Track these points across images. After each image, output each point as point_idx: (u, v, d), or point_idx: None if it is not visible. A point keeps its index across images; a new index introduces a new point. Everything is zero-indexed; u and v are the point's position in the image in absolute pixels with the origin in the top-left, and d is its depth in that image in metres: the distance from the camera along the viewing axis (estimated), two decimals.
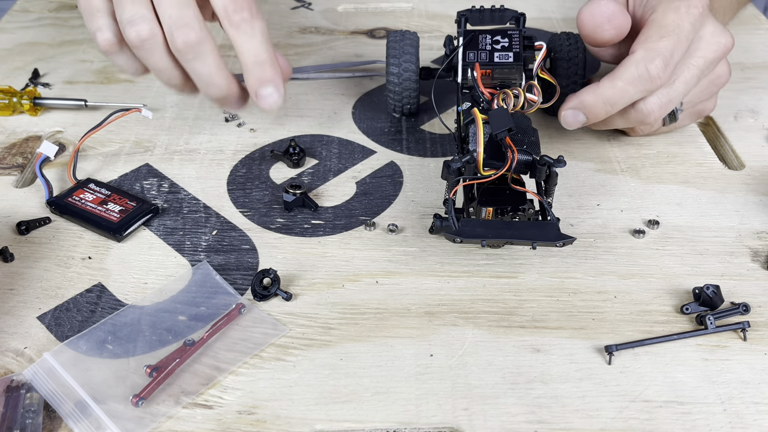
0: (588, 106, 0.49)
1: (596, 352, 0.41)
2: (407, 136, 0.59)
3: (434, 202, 0.52)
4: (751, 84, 0.65)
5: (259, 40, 0.48)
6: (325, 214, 0.51)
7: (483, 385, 0.39)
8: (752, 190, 0.53)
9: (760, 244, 0.48)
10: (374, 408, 0.38)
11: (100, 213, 0.49)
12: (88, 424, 0.37)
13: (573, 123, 0.50)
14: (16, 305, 0.44)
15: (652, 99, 0.49)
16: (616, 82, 0.48)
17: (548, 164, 0.43)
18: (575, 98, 0.50)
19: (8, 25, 0.76)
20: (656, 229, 0.49)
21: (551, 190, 0.44)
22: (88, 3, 0.48)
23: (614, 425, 0.37)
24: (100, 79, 0.67)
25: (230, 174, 0.55)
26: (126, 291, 0.45)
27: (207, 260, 0.47)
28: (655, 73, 0.47)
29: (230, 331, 0.42)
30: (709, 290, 0.43)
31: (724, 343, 0.42)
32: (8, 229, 0.49)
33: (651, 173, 0.54)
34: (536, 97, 0.49)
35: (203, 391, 0.39)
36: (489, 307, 0.44)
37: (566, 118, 0.50)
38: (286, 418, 0.38)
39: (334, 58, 0.69)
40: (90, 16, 0.49)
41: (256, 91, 0.49)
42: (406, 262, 0.47)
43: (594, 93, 0.49)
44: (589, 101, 0.49)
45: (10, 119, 0.61)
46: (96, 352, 0.41)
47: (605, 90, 0.48)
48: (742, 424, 0.37)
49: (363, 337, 0.42)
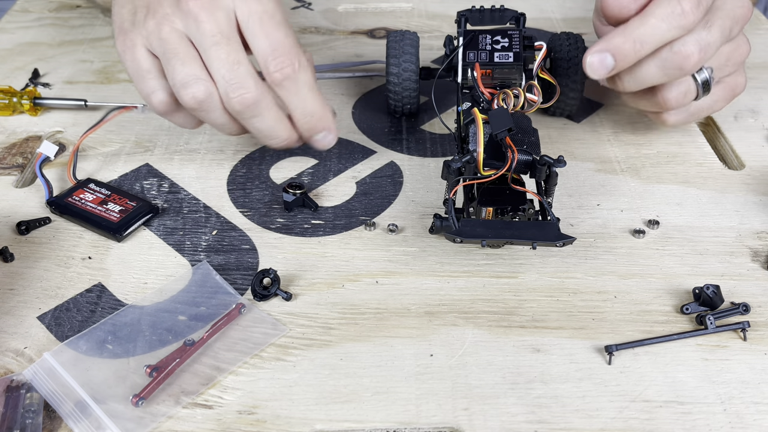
0: (616, 46, 0.45)
1: (596, 352, 0.41)
2: (407, 136, 0.59)
3: (434, 202, 0.52)
4: (751, 84, 0.65)
5: (305, 94, 0.48)
6: (325, 214, 0.51)
7: (483, 385, 0.39)
8: (752, 190, 0.53)
9: (760, 244, 0.48)
10: (374, 408, 0.38)
11: (100, 213, 0.49)
12: (88, 424, 0.37)
13: (599, 68, 0.46)
14: (16, 305, 0.44)
15: (689, 39, 0.46)
16: (648, 19, 0.45)
17: (548, 164, 0.43)
18: (602, 42, 0.46)
19: (8, 25, 0.76)
20: (656, 229, 0.49)
21: (551, 190, 0.44)
22: (136, 65, 0.48)
23: (614, 425, 0.37)
24: (100, 79, 0.67)
25: (230, 174, 0.55)
26: (126, 291, 0.45)
27: (207, 260, 0.47)
28: (688, 8, 0.44)
29: (230, 331, 0.42)
30: (709, 290, 0.43)
31: (724, 343, 0.42)
32: (8, 229, 0.49)
33: (651, 173, 0.54)
34: (536, 97, 0.49)
35: (203, 391, 0.39)
36: (489, 307, 0.44)
37: (593, 64, 0.46)
38: (286, 418, 0.38)
39: (334, 58, 0.69)
40: (140, 79, 0.49)
41: (310, 138, 0.50)
42: (406, 262, 0.47)
43: (623, 32, 0.45)
44: (617, 41, 0.45)
45: (10, 119, 0.61)
46: (96, 352, 0.41)
47: (635, 28, 0.45)
48: (742, 424, 0.37)
49: (363, 337, 0.42)
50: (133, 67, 0.49)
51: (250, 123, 0.48)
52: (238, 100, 0.46)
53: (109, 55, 0.70)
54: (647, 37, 0.45)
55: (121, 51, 0.49)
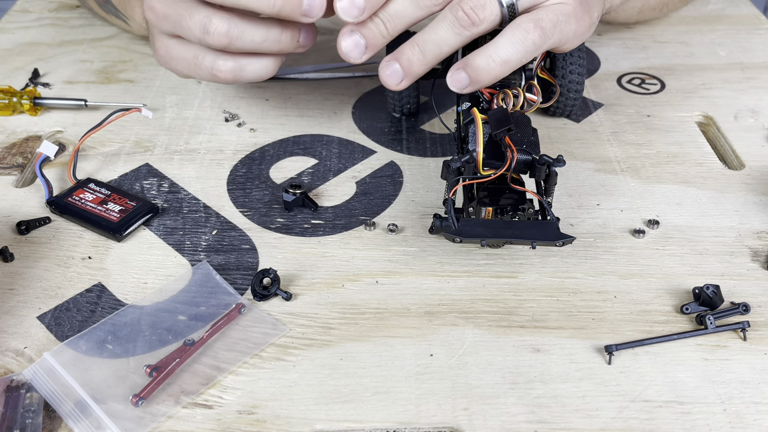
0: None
1: (596, 352, 0.41)
2: (407, 136, 0.59)
3: (434, 202, 0.52)
4: (751, 84, 0.65)
5: None
6: (325, 214, 0.51)
7: (483, 385, 0.39)
8: (752, 190, 0.53)
9: (760, 244, 0.48)
10: (374, 408, 0.38)
11: (100, 213, 0.49)
12: (88, 424, 0.37)
13: (353, 50, 0.47)
14: (16, 305, 0.44)
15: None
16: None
17: (547, 164, 0.43)
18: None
19: (8, 25, 0.76)
20: (656, 229, 0.49)
21: (551, 190, 0.44)
22: (180, 59, 0.50)
23: (614, 425, 0.37)
24: (100, 79, 0.67)
25: (230, 174, 0.55)
26: (126, 291, 0.45)
27: (207, 260, 0.47)
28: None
29: (230, 331, 0.42)
30: (709, 290, 0.43)
31: (724, 343, 0.42)
32: (8, 229, 0.49)
33: (651, 173, 0.54)
34: (536, 96, 0.50)
35: (203, 391, 0.39)
36: (489, 307, 0.44)
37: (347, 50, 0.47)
38: (286, 418, 0.38)
39: (334, 58, 0.69)
40: (195, 68, 0.50)
41: None
42: (406, 262, 0.47)
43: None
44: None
45: (10, 119, 0.61)
46: (96, 352, 0.41)
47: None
48: (742, 424, 0.37)
49: (363, 337, 0.42)
50: (181, 64, 0.51)
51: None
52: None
53: (109, 55, 0.70)
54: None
55: (165, 64, 0.52)
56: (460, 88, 0.46)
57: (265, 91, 0.64)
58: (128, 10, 0.67)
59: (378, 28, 0.47)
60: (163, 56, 0.52)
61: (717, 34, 0.73)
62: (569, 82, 0.56)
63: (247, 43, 0.48)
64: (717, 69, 0.68)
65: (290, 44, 0.50)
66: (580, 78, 0.56)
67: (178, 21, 0.48)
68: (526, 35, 0.44)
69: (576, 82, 0.56)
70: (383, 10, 0.46)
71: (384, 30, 0.47)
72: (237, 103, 0.63)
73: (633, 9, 0.70)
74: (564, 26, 0.45)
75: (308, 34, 0.50)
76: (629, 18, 0.72)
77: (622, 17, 0.71)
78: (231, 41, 0.48)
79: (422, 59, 0.47)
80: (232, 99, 0.63)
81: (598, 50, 0.71)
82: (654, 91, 0.64)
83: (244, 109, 0.62)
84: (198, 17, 0.47)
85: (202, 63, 0.50)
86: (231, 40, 0.48)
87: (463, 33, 0.45)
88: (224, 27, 0.47)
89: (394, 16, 0.46)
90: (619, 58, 0.70)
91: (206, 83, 0.65)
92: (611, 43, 0.72)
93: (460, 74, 0.46)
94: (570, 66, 0.55)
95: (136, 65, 0.68)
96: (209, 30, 0.47)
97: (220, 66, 0.50)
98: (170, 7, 0.49)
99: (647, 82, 0.66)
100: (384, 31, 0.47)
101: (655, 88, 0.65)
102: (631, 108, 0.62)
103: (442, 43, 0.46)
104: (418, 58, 0.47)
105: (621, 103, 0.63)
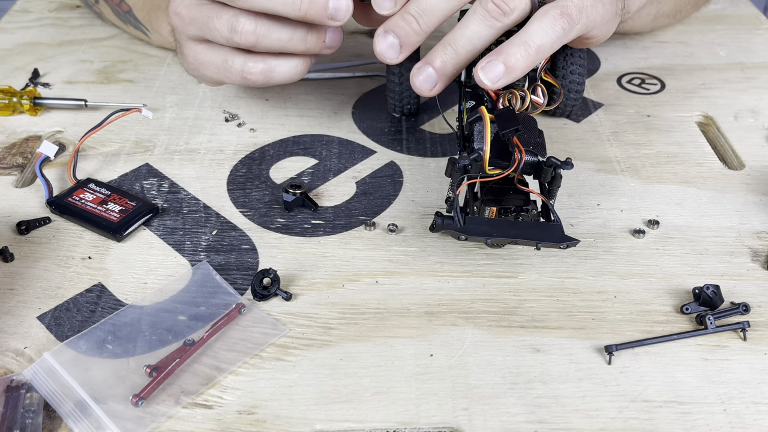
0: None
1: (596, 352, 0.41)
2: (407, 136, 0.59)
3: (434, 201, 0.52)
4: (751, 84, 0.65)
5: None
6: (325, 214, 0.51)
7: (483, 385, 0.39)
8: (752, 190, 0.53)
9: (760, 244, 0.48)
10: (374, 408, 0.38)
11: (100, 213, 0.49)
12: (88, 424, 0.37)
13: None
14: (16, 305, 0.44)
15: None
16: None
17: (555, 166, 0.43)
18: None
19: (8, 25, 0.76)
20: (656, 229, 0.49)
21: (554, 192, 0.44)
22: (209, 65, 0.51)
23: (614, 425, 0.37)
24: (100, 79, 0.67)
25: (230, 174, 0.55)
26: (126, 291, 0.45)
27: (207, 260, 0.47)
28: None
29: (230, 331, 0.42)
30: (709, 290, 0.43)
31: (724, 343, 0.42)
32: (8, 229, 0.49)
33: (651, 173, 0.54)
34: (541, 99, 0.49)
35: (203, 391, 0.39)
36: (489, 307, 0.44)
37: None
38: (286, 418, 0.38)
39: (334, 58, 0.69)
40: (225, 72, 0.51)
41: None
42: (406, 262, 0.47)
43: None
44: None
45: (10, 119, 0.61)
46: (96, 352, 0.41)
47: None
48: (742, 424, 0.37)
49: (363, 337, 0.42)
50: (211, 69, 0.51)
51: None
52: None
53: (109, 55, 0.70)
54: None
55: (194, 72, 0.53)
56: (494, 79, 0.45)
57: (265, 91, 0.64)
58: (154, 23, 0.67)
59: (411, 25, 0.46)
60: (192, 63, 0.52)
61: (717, 34, 0.73)
62: (570, 83, 0.56)
63: (274, 41, 0.49)
64: (717, 69, 0.68)
65: (316, 44, 0.50)
66: (581, 78, 0.56)
67: (206, 23, 0.49)
68: (554, 21, 0.44)
69: (576, 82, 0.56)
70: (414, 6, 0.46)
71: (417, 27, 0.46)
72: (237, 103, 0.63)
73: (648, 16, 0.70)
74: (590, 11, 0.46)
75: (334, 36, 0.50)
76: (644, 27, 0.71)
77: (638, 26, 0.71)
78: (258, 39, 0.48)
79: (455, 58, 0.46)
80: (232, 99, 0.63)
81: (598, 50, 0.71)
82: (654, 91, 0.64)
83: (244, 109, 0.62)
84: (225, 17, 0.48)
85: (232, 66, 0.50)
86: (258, 38, 0.48)
87: (495, 25, 0.45)
88: (251, 25, 0.47)
89: (426, 11, 0.46)
90: (619, 58, 0.70)
91: None
92: (611, 43, 0.72)
93: (496, 65, 0.45)
94: (570, 66, 0.55)
95: (136, 65, 0.69)
96: (237, 29, 0.47)
97: (251, 68, 0.50)
98: (196, 10, 0.49)
99: (647, 82, 0.66)
100: (417, 28, 0.46)
101: (655, 88, 0.65)
102: (631, 108, 0.62)
103: (475, 38, 0.45)
104: (451, 58, 0.46)
105: (621, 103, 0.63)
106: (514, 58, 0.44)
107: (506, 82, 0.45)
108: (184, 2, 0.50)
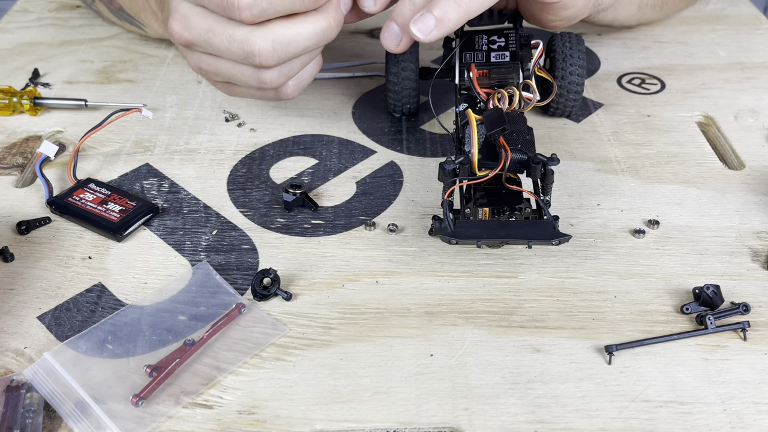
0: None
1: (596, 352, 0.41)
2: (407, 136, 0.59)
3: (434, 202, 0.52)
4: (751, 84, 0.65)
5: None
6: (325, 214, 0.51)
7: (483, 385, 0.39)
8: (752, 190, 0.53)
9: (760, 244, 0.48)
10: (374, 408, 0.38)
11: (100, 213, 0.49)
12: (88, 424, 0.37)
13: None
14: (16, 305, 0.44)
15: None
16: None
17: (542, 162, 0.43)
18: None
19: (8, 25, 0.76)
20: (656, 229, 0.49)
21: (548, 189, 0.44)
22: (220, 75, 0.50)
23: (614, 425, 0.37)
24: (100, 79, 0.67)
25: (230, 174, 0.55)
26: (126, 291, 0.45)
27: (207, 260, 0.47)
28: None
29: (230, 331, 0.42)
30: (709, 290, 0.43)
31: (724, 343, 0.42)
32: (8, 229, 0.49)
33: (651, 173, 0.54)
34: (532, 95, 0.49)
35: (203, 391, 0.39)
36: (489, 307, 0.44)
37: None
38: (286, 418, 0.38)
39: (334, 58, 0.69)
40: (237, 84, 0.51)
41: None
42: (406, 262, 0.47)
43: None
44: None
45: (10, 119, 0.61)
46: (96, 352, 0.41)
47: None
48: (742, 424, 0.37)
49: (363, 337, 0.42)
50: (242, 92, 0.52)
51: None
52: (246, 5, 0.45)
53: (109, 55, 0.70)
54: None
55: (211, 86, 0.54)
56: (426, 31, 0.45)
57: None
58: (144, 21, 0.67)
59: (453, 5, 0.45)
60: (200, 73, 0.52)
61: (717, 34, 0.73)
62: (569, 83, 0.56)
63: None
64: (717, 69, 0.68)
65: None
66: (580, 78, 0.56)
67: (205, 42, 0.48)
68: None
69: (576, 82, 0.56)
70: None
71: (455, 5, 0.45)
72: (237, 103, 0.63)
73: (632, 5, 0.69)
74: None
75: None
76: (629, 18, 0.71)
77: (622, 17, 0.71)
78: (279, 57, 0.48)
79: (456, 6, 0.45)
80: (232, 99, 0.63)
81: (598, 50, 0.71)
82: (654, 91, 0.64)
83: (244, 109, 0.62)
84: (225, 45, 0.47)
85: (264, 95, 0.51)
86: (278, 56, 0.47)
87: None
88: (266, 46, 0.47)
89: None
90: (619, 58, 0.70)
91: (206, 83, 0.65)
92: (611, 43, 0.72)
93: (427, 18, 0.45)
94: (570, 66, 0.55)
95: (136, 65, 0.69)
96: (247, 41, 0.46)
97: (285, 89, 0.51)
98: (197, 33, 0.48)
99: (647, 82, 0.66)
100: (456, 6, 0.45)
101: (655, 88, 0.65)
102: (631, 108, 0.62)
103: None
104: (452, 5, 0.45)
105: (621, 103, 0.63)
106: (443, 9, 0.44)
107: (438, 34, 0.45)
108: (185, 21, 0.48)
